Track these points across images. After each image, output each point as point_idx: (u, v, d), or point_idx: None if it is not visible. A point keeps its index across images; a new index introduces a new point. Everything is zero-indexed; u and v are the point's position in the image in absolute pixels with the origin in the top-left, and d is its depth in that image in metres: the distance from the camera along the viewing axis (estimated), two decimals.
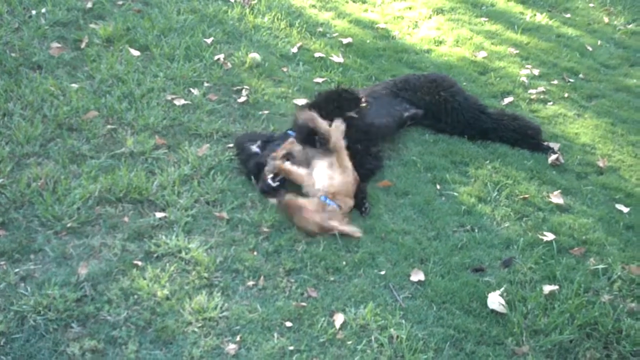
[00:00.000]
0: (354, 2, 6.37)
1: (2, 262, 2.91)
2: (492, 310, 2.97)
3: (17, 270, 2.88)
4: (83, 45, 4.64)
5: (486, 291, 3.06)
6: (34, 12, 4.91)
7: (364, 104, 3.91)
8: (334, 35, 5.56)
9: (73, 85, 4.19)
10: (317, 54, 5.16)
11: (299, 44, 5.26)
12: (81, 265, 2.93)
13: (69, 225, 3.15)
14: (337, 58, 5.15)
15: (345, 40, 5.46)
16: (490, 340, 2.85)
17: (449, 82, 4.48)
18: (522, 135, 4.32)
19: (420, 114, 4.34)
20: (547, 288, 3.11)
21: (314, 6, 6.06)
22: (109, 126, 3.89)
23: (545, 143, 4.37)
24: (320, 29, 5.61)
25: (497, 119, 4.35)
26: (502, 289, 3.08)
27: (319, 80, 4.81)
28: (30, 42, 4.54)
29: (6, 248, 2.97)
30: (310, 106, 3.76)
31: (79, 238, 3.11)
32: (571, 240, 3.51)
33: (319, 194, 3.40)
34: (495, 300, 2.99)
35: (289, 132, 3.87)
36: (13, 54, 4.38)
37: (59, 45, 4.59)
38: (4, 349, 2.54)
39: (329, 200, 3.38)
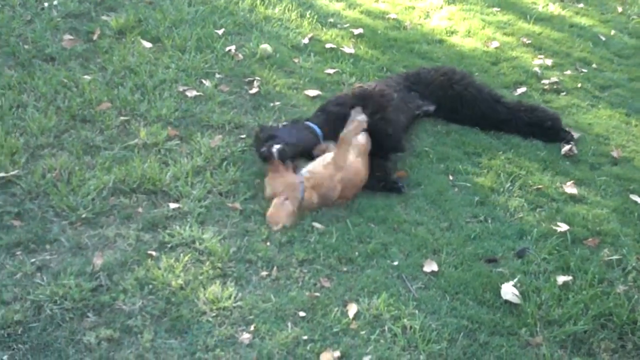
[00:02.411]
0: None
1: (18, 252, 2.94)
2: (506, 301, 2.96)
3: (33, 260, 2.90)
4: (95, 37, 4.65)
5: (500, 282, 3.05)
6: (46, 4, 4.93)
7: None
8: (345, 26, 5.54)
9: (86, 77, 4.20)
10: (328, 45, 5.14)
11: (310, 35, 5.24)
12: (96, 255, 2.95)
13: (83, 215, 3.17)
14: (349, 49, 5.13)
15: (356, 31, 5.44)
16: (504, 330, 2.84)
17: (461, 74, 4.45)
18: (540, 129, 4.29)
19: (432, 109, 4.35)
20: (561, 279, 3.09)
21: None
22: (122, 117, 3.90)
23: (568, 129, 4.36)
24: (331, 20, 5.59)
25: (513, 110, 4.32)
26: (516, 279, 3.07)
27: (331, 71, 4.80)
28: (42, 34, 4.56)
29: (22, 238, 3.00)
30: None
31: (94, 228, 3.13)
32: (585, 231, 3.49)
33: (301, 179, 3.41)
34: (508, 291, 2.98)
35: (307, 122, 3.85)
36: (26, 46, 4.41)
37: (71, 37, 4.61)
38: (21, 337, 2.56)
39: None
